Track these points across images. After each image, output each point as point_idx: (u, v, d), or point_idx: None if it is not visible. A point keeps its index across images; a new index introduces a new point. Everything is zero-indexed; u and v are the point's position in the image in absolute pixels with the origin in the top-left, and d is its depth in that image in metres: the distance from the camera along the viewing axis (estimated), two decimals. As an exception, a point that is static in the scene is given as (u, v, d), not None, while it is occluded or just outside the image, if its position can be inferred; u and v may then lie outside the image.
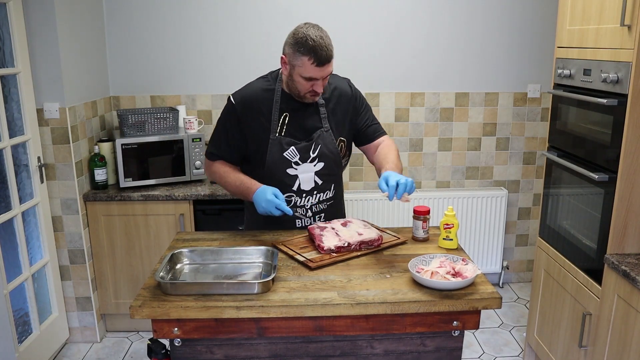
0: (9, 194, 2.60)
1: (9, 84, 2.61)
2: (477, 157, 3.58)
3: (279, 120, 1.95)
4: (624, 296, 1.94)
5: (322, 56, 1.78)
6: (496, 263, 3.63)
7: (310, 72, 1.81)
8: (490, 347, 3.03)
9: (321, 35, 1.79)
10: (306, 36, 1.77)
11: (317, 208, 2.05)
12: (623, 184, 1.99)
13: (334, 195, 2.08)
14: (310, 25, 1.82)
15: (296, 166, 1.97)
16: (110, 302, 3.11)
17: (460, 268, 1.63)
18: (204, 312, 1.49)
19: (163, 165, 3.06)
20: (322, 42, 1.78)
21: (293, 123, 1.96)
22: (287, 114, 1.95)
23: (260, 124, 1.94)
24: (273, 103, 1.94)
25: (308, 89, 1.87)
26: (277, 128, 1.94)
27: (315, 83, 1.85)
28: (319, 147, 1.97)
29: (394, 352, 1.62)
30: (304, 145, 1.95)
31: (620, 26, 1.94)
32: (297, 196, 2.01)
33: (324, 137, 1.98)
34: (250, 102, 1.95)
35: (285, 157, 1.95)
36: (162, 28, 3.30)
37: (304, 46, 1.78)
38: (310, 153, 1.96)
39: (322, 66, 1.80)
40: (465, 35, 3.39)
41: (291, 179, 1.98)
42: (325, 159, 1.99)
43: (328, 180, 2.03)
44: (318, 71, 1.81)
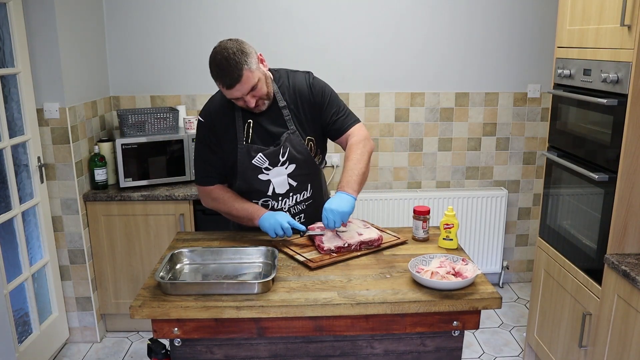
0: (9, 194, 2.60)
1: (9, 84, 2.61)
2: (477, 157, 3.58)
3: (244, 129, 1.93)
4: (624, 296, 1.94)
5: (227, 80, 1.75)
6: (496, 263, 3.63)
7: (228, 95, 1.81)
8: (490, 347, 3.03)
9: (226, 56, 1.74)
10: (212, 61, 1.76)
11: (296, 209, 2.04)
12: (623, 184, 1.99)
13: (311, 195, 2.06)
14: (220, 46, 1.77)
15: (267, 171, 1.95)
16: (110, 302, 3.11)
17: (460, 268, 1.63)
18: (204, 312, 1.50)
19: (163, 165, 3.06)
20: (225, 64, 1.73)
21: (258, 129, 1.93)
22: (250, 121, 1.93)
23: (229, 134, 1.94)
24: (234, 112, 1.93)
25: (243, 105, 1.85)
26: (243, 136, 1.93)
27: (244, 100, 1.82)
28: (287, 150, 1.94)
29: (394, 352, 1.62)
30: (272, 151, 1.93)
31: (620, 26, 1.94)
32: (273, 200, 2.00)
33: (291, 139, 1.94)
34: (215, 115, 1.94)
35: (254, 164, 1.93)
36: (162, 28, 3.30)
37: (213, 72, 1.78)
38: (280, 157, 1.94)
39: (232, 88, 1.77)
40: (465, 35, 3.39)
41: (264, 185, 1.97)
42: (295, 161, 1.96)
43: (303, 180, 2.01)
44: (233, 92, 1.78)
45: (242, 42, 1.82)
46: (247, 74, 1.76)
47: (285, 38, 3.33)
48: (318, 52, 3.35)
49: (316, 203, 2.06)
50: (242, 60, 1.75)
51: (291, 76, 2.00)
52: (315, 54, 3.35)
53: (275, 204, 2.00)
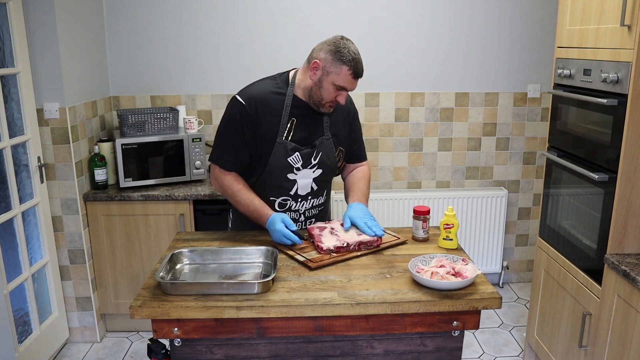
0: (9, 194, 2.60)
1: (9, 84, 2.61)
2: (477, 157, 3.58)
3: (287, 125, 1.94)
4: (624, 296, 1.94)
5: (359, 70, 1.85)
6: (496, 263, 3.63)
7: (344, 82, 1.85)
8: (490, 347, 3.03)
9: (357, 50, 1.87)
10: (347, 48, 1.83)
11: (310, 213, 2.08)
12: (623, 184, 1.99)
13: (324, 201, 2.13)
14: (349, 40, 1.88)
15: (297, 172, 1.98)
16: (110, 302, 3.11)
17: (460, 268, 1.63)
18: (204, 312, 1.50)
19: (163, 165, 3.06)
20: (358, 57, 1.85)
21: (299, 129, 1.96)
22: (294, 119, 1.95)
23: (269, 125, 1.92)
24: (284, 107, 1.93)
25: (332, 98, 1.89)
26: (284, 132, 1.93)
27: (341, 93, 1.89)
28: (320, 154, 1.99)
29: (394, 352, 1.62)
30: (307, 152, 1.97)
31: (620, 26, 1.94)
32: (292, 200, 2.02)
33: (325, 144, 2.00)
34: (260, 101, 1.91)
35: (288, 162, 1.95)
36: (162, 28, 3.30)
37: (345, 56, 1.82)
38: (312, 160, 1.98)
39: (356, 79, 1.87)
40: (465, 35, 3.39)
41: (290, 184, 1.99)
42: (323, 166, 2.02)
43: (322, 186, 2.07)
44: (351, 83, 1.87)
45: None
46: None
47: (285, 38, 3.33)
48: (318, 52, 3.35)
49: (324, 209, 2.15)
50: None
51: None
52: (315, 54, 3.35)
53: (293, 205, 2.03)
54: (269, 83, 1.98)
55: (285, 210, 2.03)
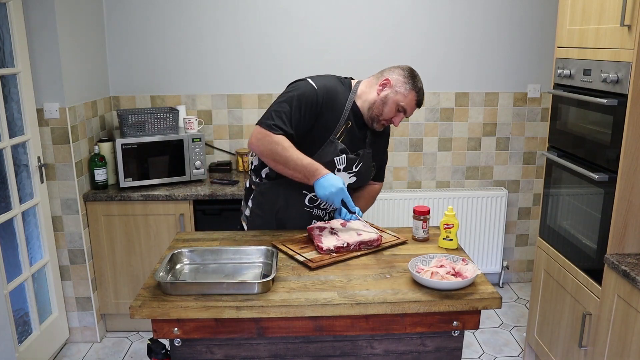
0: (9, 194, 2.60)
1: (9, 84, 2.61)
2: (477, 157, 3.58)
3: (342, 126, 1.99)
4: (624, 296, 1.94)
5: (421, 100, 2.00)
6: (496, 263, 3.63)
7: (408, 106, 1.97)
8: (490, 347, 3.03)
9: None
10: (418, 78, 1.99)
11: (331, 215, 2.14)
12: (623, 184, 1.99)
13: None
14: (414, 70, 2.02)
15: (337, 173, 2.00)
16: (110, 302, 3.11)
17: (460, 268, 1.63)
18: (204, 312, 1.50)
19: (163, 165, 3.06)
20: (424, 91, 2.01)
21: (350, 135, 2.01)
22: (349, 123, 2.01)
23: (329, 119, 1.96)
24: (344, 108, 1.99)
25: (391, 117, 1.99)
26: (339, 132, 1.98)
27: (399, 115, 1.99)
28: (361, 164, 2.05)
29: (394, 352, 1.62)
30: (352, 158, 2.01)
31: (620, 26, 1.94)
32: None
33: (366, 157, 2.07)
34: (331, 95, 1.96)
35: (334, 161, 1.98)
36: (162, 28, 3.30)
37: (415, 83, 1.97)
38: (354, 167, 2.04)
39: (417, 107, 2.00)
40: (465, 35, 3.39)
41: None
42: (359, 176, 2.07)
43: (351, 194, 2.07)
44: (411, 108, 1.99)
45: None
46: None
47: (285, 38, 3.33)
48: (318, 52, 3.35)
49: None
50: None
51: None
52: (315, 54, 3.35)
53: (322, 203, 2.08)
54: (337, 81, 2.03)
55: (314, 206, 2.08)
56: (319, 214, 2.11)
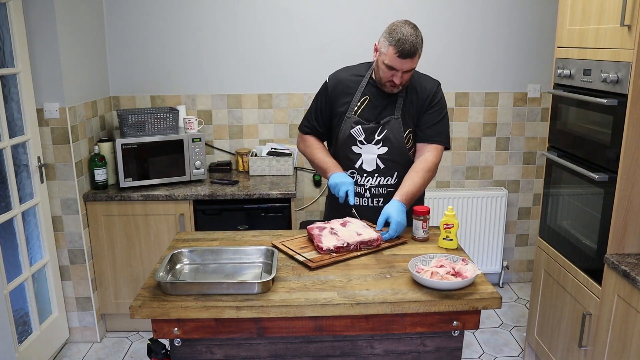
0: (9, 194, 2.60)
1: (9, 84, 2.61)
2: (477, 157, 3.58)
3: (358, 102, 2.11)
4: (624, 296, 1.94)
5: (405, 49, 1.92)
6: (496, 263, 3.63)
7: (392, 62, 1.95)
8: (490, 347, 3.03)
9: (412, 33, 1.93)
10: (398, 29, 1.93)
11: (376, 191, 2.15)
12: (623, 184, 1.99)
13: (395, 183, 2.15)
14: (407, 22, 1.97)
15: (361, 145, 2.12)
16: (110, 302, 3.11)
17: (460, 268, 1.63)
18: (204, 312, 1.50)
19: (163, 165, 3.06)
20: (409, 38, 1.92)
21: (370, 107, 2.11)
22: (367, 98, 2.11)
23: (343, 103, 2.13)
24: (359, 87, 2.12)
25: (388, 77, 2.00)
26: (354, 108, 2.11)
27: (395, 74, 1.98)
28: (385, 131, 2.09)
29: (394, 352, 1.62)
30: (371, 127, 2.10)
31: (620, 26, 1.94)
32: (358, 174, 2.14)
33: (392, 123, 2.09)
34: (341, 82, 2.15)
35: (351, 134, 2.11)
36: (162, 28, 3.30)
37: (392, 37, 1.93)
38: (375, 136, 2.09)
39: (403, 59, 1.93)
40: (465, 35, 3.39)
41: (355, 156, 2.14)
42: (389, 144, 2.10)
43: (391, 166, 2.13)
44: (399, 62, 1.94)
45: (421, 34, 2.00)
46: (417, 57, 1.97)
47: (284, 38, 3.33)
48: (317, 52, 3.35)
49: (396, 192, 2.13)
50: (421, 43, 1.96)
51: (420, 75, 2.17)
52: (315, 54, 3.35)
53: (359, 179, 2.15)
54: (354, 67, 2.20)
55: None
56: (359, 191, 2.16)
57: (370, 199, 2.15)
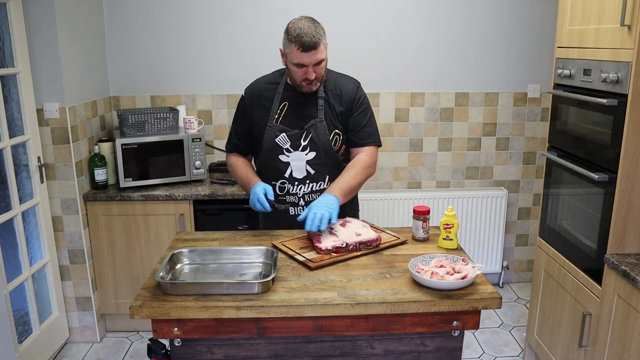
0: (9, 194, 2.60)
1: (9, 84, 2.61)
2: (477, 157, 3.58)
3: (277, 109, 2.07)
4: (624, 296, 1.94)
5: (306, 42, 1.89)
6: (496, 263, 3.63)
7: (298, 58, 1.92)
8: (490, 347, 3.03)
9: (309, 25, 1.91)
10: (295, 25, 1.91)
11: (310, 197, 2.10)
12: (623, 184, 1.99)
13: (328, 187, 2.08)
14: (304, 17, 1.96)
15: (288, 153, 2.06)
16: (110, 302, 3.11)
17: (460, 268, 1.63)
18: (204, 312, 1.50)
19: (163, 165, 3.06)
20: (307, 30, 1.89)
21: (291, 113, 2.07)
22: (286, 104, 2.06)
23: (262, 113, 2.09)
24: (275, 93, 2.08)
25: (301, 76, 1.97)
26: (274, 116, 2.07)
27: (306, 70, 1.95)
28: (310, 135, 2.05)
29: (394, 352, 1.62)
30: (295, 133, 2.04)
31: (620, 26, 1.94)
32: (289, 183, 2.09)
33: (317, 127, 2.05)
34: (256, 92, 2.12)
35: (277, 143, 2.05)
36: (162, 28, 3.30)
37: (290, 34, 1.91)
38: (301, 141, 2.05)
39: (307, 52, 1.90)
40: (465, 35, 3.39)
41: (283, 165, 2.08)
42: (316, 149, 2.06)
43: (321, 170, 2.09)
44: (305, 57, 1.91)
45: (321, 24, 1.99)
46: (322, 46, 1.94)
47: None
48: (318, 52, 3.34)
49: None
50: (322, 34, 1.94)
51: (339, 76, 2.15)
52: (315, 54, 3.35)
53: (291, 188, 2.10)
54: (268, 76, 2.18)
55: (284, 194, 2.11)
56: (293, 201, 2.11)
57: (304, 207, 2.09)
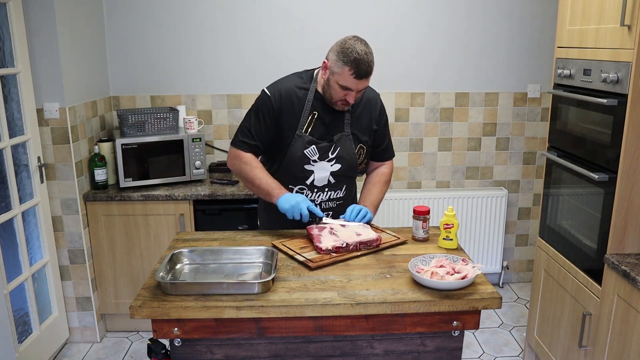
0: (9, 194, 2.60)
1: (9, 84, 2.61)
2: (477, 157, 3.58)
3: (307, 118, 2.02)
4: (624, 296, 1.94)
5: (362, 70, 1.85)
6: (496, 263, 3.63)
7: (347, 82, 1.88)
8: (490, 347, 3.03)
9: (366, 51, 1.86)
10: (352, 48, 1.85)
11: (326, 205, 2.12)
12: (623, 184, 1.99)
13: (344, 196, 2.15)
14: (358, 39, 1.89)
15: (314, 163, 2.04)
16: (110, 302, 3.11)
17: (460, 268, 1.63)
18: (204, 312, 1.50)
19: (163, 165, 3.06)
20: (365, 58, 1.85)
21: (319, 123, 2.03)
22: (316, 113, 2.02)
23: (291, 118, 2.01)
24: (305, 101, 2.01)
25: (341, 97, 1.94)
26: (304, 125, 2.02)
27: (348, 93, 1.92)
28: (338, 149, 2.04)
29: (394, 352, 1.62)
30: (325, 146, 2.03)
31: (620, 26, 1.94)
32: (308, 190, 2.08)
33: (344, 140, 2.05)
34: (285, 96, 2.01)
35: (305, 154, 2.02)
36: (162, 28, 3.30)
37: (347, 57, 1.85)
38: (329, 154, 2.04)
39: (359, 79, 1.87)
40: (465, 35, 3.39)
41: (307, 174, 2.06)
42: (342, 162, 2.07)
43: (341, 181, 2.11)
44: (355, 83, 1.88)
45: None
46: (370, 76, 1.91)
47: (284, 38, 3.33)
48: (317, 52, 3.33)
49: (345, 204, 2.14)
50: (373, 61, 1.90)
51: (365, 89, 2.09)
52: (315, 54, 3.33)
53: (309, 194, 2.09)
54: (295, 78, 2.08)
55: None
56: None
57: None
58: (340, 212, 2.12)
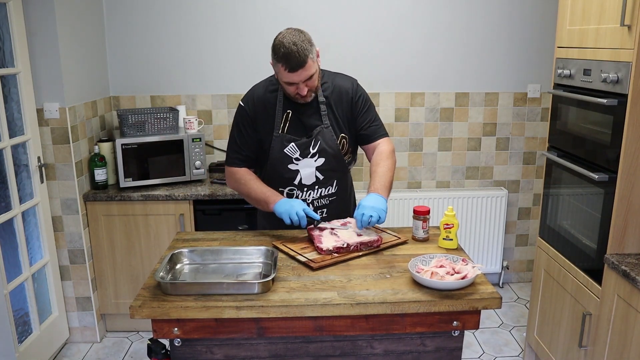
0: (9, 194, 2.60)
1: (9, 84, 2.61)
2: (477, 157, 3.58)
3: (282, 118, 2.02)
4: (624, 296, 1.94)
5: (293, 63, 1.82)
6: (496, 263, 3.63)
7: (286, 78, 1.87)
8: (490, 347, 3.03)
9: (294, 41, 1.82)
10: (280, 43, 1.83)
11: (319, 203, 2.10)
12: (623, 184, 1.99)
13: (336, 192, 2.12)
14: (288, 31, 1.87)
15: (297, 162, 2.03)
16: (110, 302, 3.11)
17: (460, 268, 1.63)
18: (204, 312, 1.50)
19: (163, 165, 3.06)
20: (294, 48, 1.81)
21: (295, 120, 2.02)
22: (289, 112, 2.02)
23: (267, 122, 2.03)
24: (277, 102, 2.02)
25: (293, 92, 1.93)
26: (280, 125, 2.02)
27: (297, 86, 1.90)
28: (318, 143, 2.02)
29: (394, 352, 1.62)
30: (304, 142, 2.02)
31: (620, 26, 1.94)
32: (298, 190, 2.06)
33: (324, 133, 2.03)
34: (258, 102, 2.03)
35: (286, 153, 2.02)
36: (162, 28, 3.30)
37: (277, 53, 1.84)
38: (310, 149, 2.02)
39: (294, 72, 1.84)
40: (465, 35, 3.39)
41: (292, 174, 2.05)
42: (325, 155, 2.04)
43: (330, 175, 2.09)
44: (293, 76, 1.86)
45: (307, 34, 1.91)
46: (310, 62, 1.86)
47: (285, 38, 3.32)
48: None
49: (339, 200, 2.13)
50: (308, 49, 1.86)
51: (336, 76, 2.11)
52: (315, 54, 3.35)
53: (300, 194, 2.07)
54: (266, 82, 2.09)
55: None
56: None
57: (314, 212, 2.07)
58: (334, 209, 2.11)
